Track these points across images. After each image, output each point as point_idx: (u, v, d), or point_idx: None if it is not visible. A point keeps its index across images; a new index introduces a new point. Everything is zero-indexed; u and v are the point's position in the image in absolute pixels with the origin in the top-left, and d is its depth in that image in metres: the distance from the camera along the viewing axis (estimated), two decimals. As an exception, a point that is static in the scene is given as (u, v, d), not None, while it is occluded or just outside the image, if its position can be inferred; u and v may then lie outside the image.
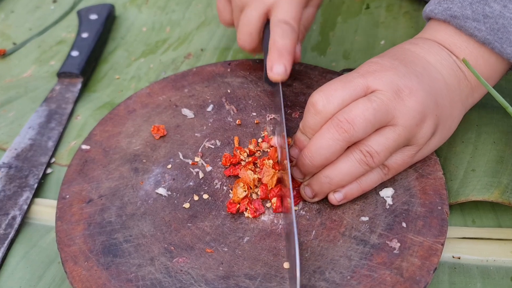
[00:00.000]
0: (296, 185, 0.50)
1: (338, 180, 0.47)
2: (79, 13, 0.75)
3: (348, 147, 0.46)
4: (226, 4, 0.60)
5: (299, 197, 0.50)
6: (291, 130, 0.56)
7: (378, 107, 0.44)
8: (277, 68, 0.52)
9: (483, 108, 0.58)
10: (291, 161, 0.50)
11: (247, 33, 0.56)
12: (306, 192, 0.49)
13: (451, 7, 0.48)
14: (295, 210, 0.49)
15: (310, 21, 0.60)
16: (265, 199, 0.50)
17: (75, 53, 0.69)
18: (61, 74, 0.67)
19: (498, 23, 0.47)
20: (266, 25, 0.57)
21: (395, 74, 0.46)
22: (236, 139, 0.55)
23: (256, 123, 0.57)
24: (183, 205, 0.50)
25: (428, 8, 0.51)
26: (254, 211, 0.49)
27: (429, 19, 0.52)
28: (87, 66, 0.68)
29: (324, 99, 0.45)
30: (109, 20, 0.75)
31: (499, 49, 0.47)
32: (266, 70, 0.54)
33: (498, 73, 0.51)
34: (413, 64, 0.48)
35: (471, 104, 0.52)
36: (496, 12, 0.47)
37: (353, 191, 0.48)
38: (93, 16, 0.74)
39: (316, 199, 0.49)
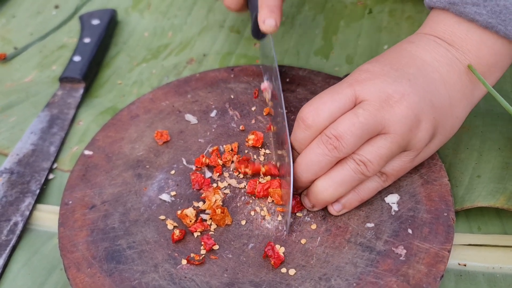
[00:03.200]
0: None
1: (333, 190, 0.46)
2: (81, 18, 0.75)
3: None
4: None
5: (302, 205, 0.49)
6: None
7: (366, 120, 0.44)
8: (269, 21, 0.56)
9: (488, 114, 0.58)
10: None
11: None
12: (305, 202, 0.49)
13: None
14: (300, 216, 0.49)
15: None
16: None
17: (77, 58, 0.68)
18: (63, 79, 0.67)
19: (499, 5, 0.45)
20: None
21: (384, 81, 0.45)
22: (234, 145, 0.55)
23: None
24: (187, 211, 0.50)
25: None
26: (205, 245, 0.47)
27: (430, 9, 0.51)
28: (89, 71, 0.68)
29: (314, 113, 0.45)
30: (111, 25, 0.75)
31: (503, 31, 0.45)
32: (253, 25, 0.59)
33: (506, 60, 0.48)
34: (406, 67, 0.47)
35: (479, 97, 0.50)
36: None
37: (352, 201, 0.48)
38: (95, 21, 0.73)
39: (316, 209, 0.49)
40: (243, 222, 0.49)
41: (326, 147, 0.45)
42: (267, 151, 0.54)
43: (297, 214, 0.49)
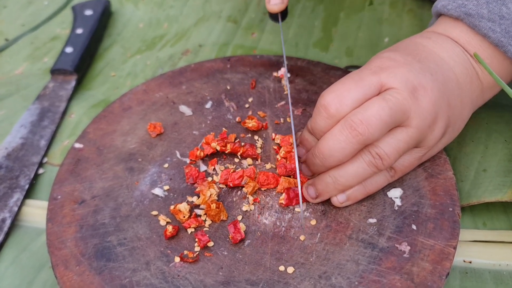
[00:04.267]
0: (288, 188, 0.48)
1: (344, 181, 0.44)
2: (74, 8, 0.73)
3: None
4: None
5: (291, 200, 0.47)
6: (294, 128, 0.54)
7: (394, 106, 0.42)
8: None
9: (493, 106, 0.56)
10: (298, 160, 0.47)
11: None
12: (309, 192, 0.46)
13: (466, 4, 0.46)
14: (299, 211, 0.47)
15: None
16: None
17: (69, 50, 0.66)
18: (55, 71, 0.65)
19: None
20: None
21: (409, 71, 0.43)
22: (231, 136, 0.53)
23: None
24: (181, 207, 0.48)
25: (440, 3, 0.48)
26: (199, 241, 0.46)
27: (439, 15, 0.50)
28: (81, 63, 0.66)
29: (337, 101, 0.43)
30: (105, 16, 0.73)
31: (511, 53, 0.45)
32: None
33: (509, 78, 0.48)
34: (426, 60, 0.45)
35: (479, 105, 0.50)
36: None
37: (357, 194, 0.46)
38: (88, 12, 0.71)
39: (318, 200, 0.47)
40: (239, 218, 0.47)
41: (351, 133, 0.42)
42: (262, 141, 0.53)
43: (295, 209, 0.47)
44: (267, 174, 0.49)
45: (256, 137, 0.53)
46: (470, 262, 0.46)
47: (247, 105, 0.57)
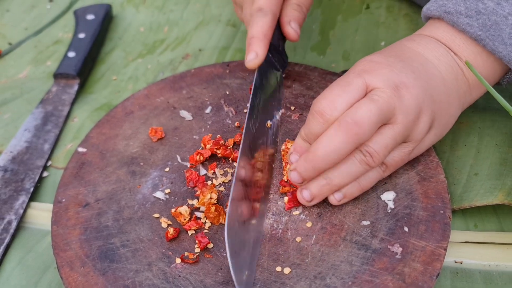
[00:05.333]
0: (292, 189, 0.50)
1: (338, 181, 0.46)
2: (76, 13, 0.74)
3: None
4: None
5: (297, 201, 0.49)
6: (291, 132, 0.55)
7: (381, 106, 0.44)
8: (248, 56, 0.54)
9: (485, 110, 0.57)
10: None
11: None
12: (304, 195, 0.47)
13: (446, 3, 0.48)
14: (295, 214, 0.49)
15: (309, 1, 0.59)
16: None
17: (71, 54, 0.68)
18: (58, 75, 0.66)
19: (491, 19, 0.46)
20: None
21: (391, 70, 0.46)
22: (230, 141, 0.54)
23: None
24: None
25: (425, 7, 0.51)
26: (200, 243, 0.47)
27: (428, 19, 0.52)
28: (84, 67, 0.67)
29: (331, 106, 0.45)
30: (106, 20, 0.74)
31: (490, 46, 0.47)
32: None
33: (497, 74, 0.50)
34: (410, 60, 0.48)
35: (469, 103, 0.51)
36: (489, 9, 0.47)
37: (353, 190, 0.47)
38: (90, 16, 0.73)
39: (313, 203, 0.48)
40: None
41: (346, 134, 0.43)
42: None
43: (292, 212, 0.49)
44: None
45: None
46: (461, 263, 0.48)
47: (245, 110, 0.58)
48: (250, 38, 0.54)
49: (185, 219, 0.48)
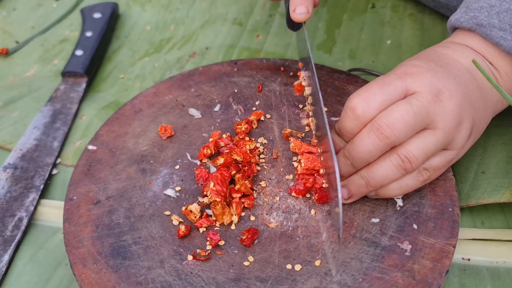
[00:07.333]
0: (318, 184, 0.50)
1: (375, 183, 0.46)
2: (82, 11, 0.74)
3: None
4: None
5: (326, 198, 0.49)
6: (299, 130, 0.56)
7: (419, 110, 0.43)
8: (300, 9, 0.53)
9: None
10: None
11: None
12: (342, 193, 0.48)
13: (478, 15, 0.48)
14: (305, 211, 0.49)
15: None
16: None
17: (79, 52, 0.68)
18: (66, 74, 0.67)
19: None
20: None
21: (433, 76, 0.45)
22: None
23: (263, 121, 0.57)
24: (192, 207, 0.50)
25: (453, 18, 0.50)
26: (211, 240, 0.48)
27: (454, 29, 0.52)
28: (91, 65, 0.67)
29: (363, 104, 0.45)
30: (113, 18, 0.74)
31: None
32: (287, 16, 0.55)
33: None
34: (448, 66, 0.47)
35: (500, 110, 0.51)
36: None
37: (391, 192, 0.47)
38: (97, 15, 0.73)
39: (350, 200, 0.48)
40: (252, 218, 0.49)
41: (377, 137, 0.44)
42: (265, 141, 0.55)
43: (301, 209, 0.49)
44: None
45: (261, 140, 0.55)
46: (469, 260, 0.48)
47: (254, 108, 0.59)
48: None
49: (195, 217, 0.48)
